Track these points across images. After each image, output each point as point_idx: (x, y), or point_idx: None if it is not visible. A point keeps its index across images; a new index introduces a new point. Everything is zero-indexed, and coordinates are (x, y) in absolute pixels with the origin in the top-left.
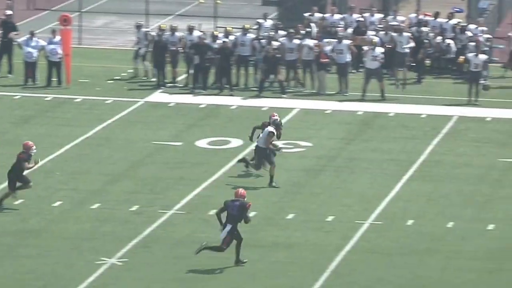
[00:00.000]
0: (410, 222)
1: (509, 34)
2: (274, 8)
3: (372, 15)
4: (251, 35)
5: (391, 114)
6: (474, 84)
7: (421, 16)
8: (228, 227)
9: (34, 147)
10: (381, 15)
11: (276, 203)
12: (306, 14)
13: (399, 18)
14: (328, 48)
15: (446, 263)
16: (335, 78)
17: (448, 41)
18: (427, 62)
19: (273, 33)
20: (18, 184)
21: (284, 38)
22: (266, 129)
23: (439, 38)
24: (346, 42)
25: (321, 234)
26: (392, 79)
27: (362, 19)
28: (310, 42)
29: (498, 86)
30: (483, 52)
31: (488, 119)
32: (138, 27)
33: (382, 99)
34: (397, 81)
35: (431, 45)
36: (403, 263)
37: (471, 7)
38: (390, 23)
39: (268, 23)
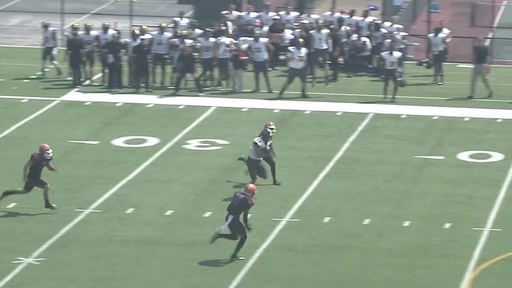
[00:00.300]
0: (327, 219)
1: (430, 34)
2: (190, 6)
3: (288, 13)
4: (167, 34)
5: (307, 112)
6: (390, 81)
7: (337, 14)
8: (230, 218)
9: (50, 151)
10: (297, 13)
11: (193, 201)
12: (224, 12)
13: (314, 16)
14: (244, 46)
15: (362, 260)
16: (252, 76)
17: (363, 39)
18: (343, 59)
19: (187, 31)
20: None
21: (201, 36)
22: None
23: (354, 36)
24: (263, 40)
25: None
26: (311, 77)
27: (278, 17)
28: (226, 40)
29: (414, 83)
30: (399, 50)
31: (403, 116)
32: (45, 26)
33: (303, 97)
34: (314, 79)
35: (347, 43)
36: (320, 260)
37: (386, 4)
38: (302, 21)
39: (184, 21)
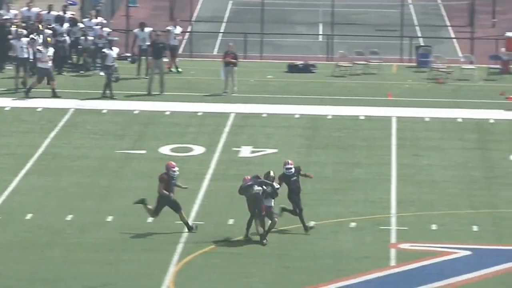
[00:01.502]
0: (29, 216)
1: (168, 28)
2: None
3: None
4: None
5: (7, 109)
6: (110, 76)
7: (35, 9)
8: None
9: (176, 168)
10: None
11: None
12: None
13: (13, 11)
14: None
15: (66, 256)
16: None
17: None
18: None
19: None
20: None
21: None
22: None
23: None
24: (26, 39)
25: None
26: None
27: None
28: None
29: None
30: (103, 45)
31: (104, 111)
32: None
33: (54, 97)
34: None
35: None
36: (24, 257)
37: None
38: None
39: None
